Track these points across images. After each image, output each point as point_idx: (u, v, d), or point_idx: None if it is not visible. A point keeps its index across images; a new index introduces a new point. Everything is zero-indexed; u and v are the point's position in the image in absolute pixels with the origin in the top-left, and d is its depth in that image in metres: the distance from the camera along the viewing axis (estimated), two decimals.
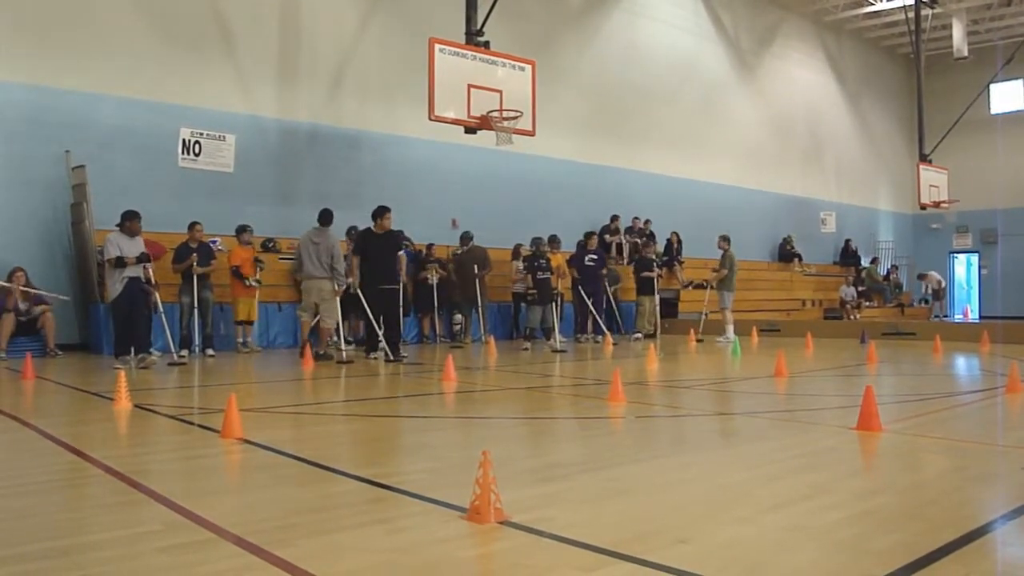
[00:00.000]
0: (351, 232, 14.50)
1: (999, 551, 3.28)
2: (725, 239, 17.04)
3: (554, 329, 15.09)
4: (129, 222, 10.92)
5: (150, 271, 11.02)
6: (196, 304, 12.64)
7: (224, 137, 14.30)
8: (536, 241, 16.13)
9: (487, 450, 3.52)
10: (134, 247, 10.82)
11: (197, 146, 14.01)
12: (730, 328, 16.07)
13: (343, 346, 12.37)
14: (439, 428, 6.60)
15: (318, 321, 12.63)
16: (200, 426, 6.27)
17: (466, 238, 16.30)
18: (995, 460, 5.10)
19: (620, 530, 3.42)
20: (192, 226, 12.88)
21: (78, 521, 3.71)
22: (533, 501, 3.84)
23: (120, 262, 10.57)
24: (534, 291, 15.34)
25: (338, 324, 12.68)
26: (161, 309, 11.55)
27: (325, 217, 12.49)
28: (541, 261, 15.45)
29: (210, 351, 12.84)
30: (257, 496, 4.13)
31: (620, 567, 2.95)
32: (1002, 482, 4.54)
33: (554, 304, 15.59)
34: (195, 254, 12.58)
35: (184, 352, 12.35)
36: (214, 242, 13.74)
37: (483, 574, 3.04)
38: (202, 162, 14.09)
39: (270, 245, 14.87)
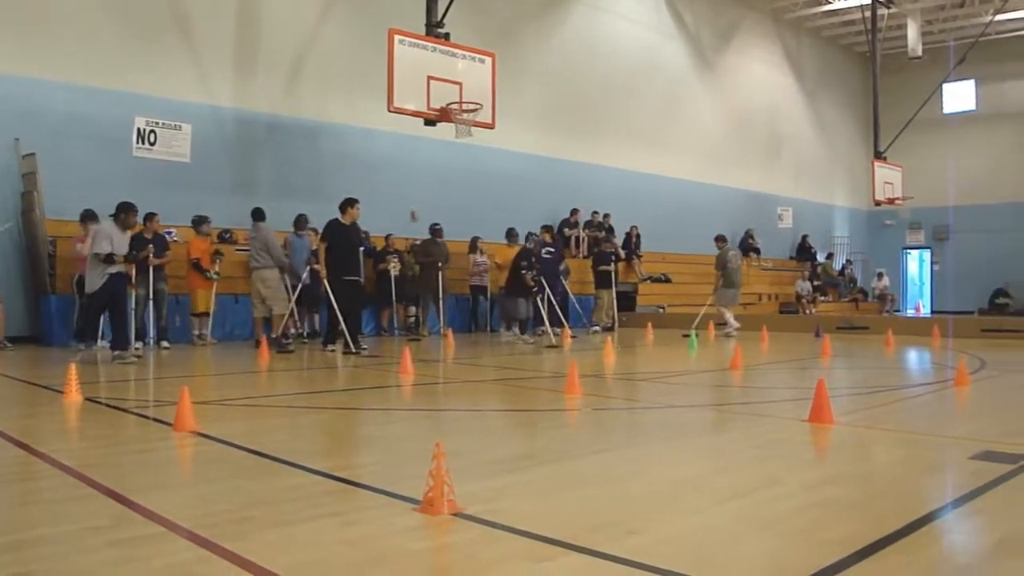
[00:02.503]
0: (299, 219, 14.32)
1: (942, 539, 3.35)
2: (721, 238, 17.15)
3: (544, 323, 15.00)
4: (125, 214, 10.47)
5: (131, 271, 10.92)
6: (151, 296, 12.48)
7: (180, 127, 14.14)
8: (531, 236, 15.84)
9: (441, 442, 3.52)
10: (126, 241, 10.46)
11: (152, 135, 13.86)
12: (730, 319, 16.24)
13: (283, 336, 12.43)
14: (395, 420, 6.59)
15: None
16: (152, 419, 6.19)
17: (436, 230, 16.31)
18: (943, 451, 5.20)
19: (573, 522, 3.44)
20: (150, 217, 12.67)
21: (24, 516, 3.65)
22: (487, 493, 3.85)
23: (109, 259, 10.09)
24: (535, 284, 14.98)
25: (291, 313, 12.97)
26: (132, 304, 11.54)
27: (255, 214, 13.18)
28: (531, 259, 15.19)
29: (164, 343, 12.69)
30: (210, 489, 4.10)
31: (572, 558, 2.97)
32: (948, 473, 4.64)
33: (533, 297, 15.28)
34: (151, 245, 12.42)
35: (138, 344, 12.20)
36: (169, 233, 13.58)
37: (435, 566, 3.04)
38: (157, 152, 13.95)
39: (227, 236, 14.71)
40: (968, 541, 3.38)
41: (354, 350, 11.68)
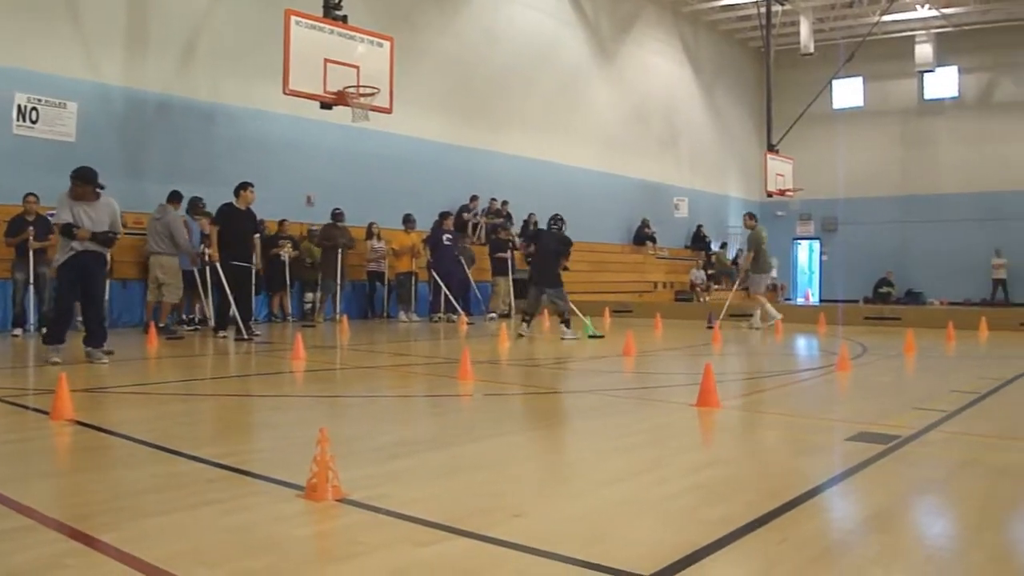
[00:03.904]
0: (197, 203, 13.94)
1: (816, 517, 3.47)
2: (751, 216, 16.32)
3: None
4: (73, 184, 8.74)
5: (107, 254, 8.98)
6: (32, 280, 11.97)
7: (65, 104, 13.57)
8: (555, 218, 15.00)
9: (326, 428, 3.47)
10: (99, 215, 8.66)
11: (34, 113, 13.28)
12: (757, 314, 15.44)
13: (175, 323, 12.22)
14: (285, 407, 6.48)
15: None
16: (27, 408, 5.94)
17: (337, 214, 16.08)
18: (822, 433, 5.38)
19: (459, 506, 3.44)
20: (26, 198, 12.16)
21: None
22: (375, 479, 3.82)
23: (68, 230, 8.39)
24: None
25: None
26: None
27: (171, 196, 13.00)
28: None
29: (46, 330, 12.18)
30: (84, 479, 3.96)
31: (457, 542, 2.96)
32: (825, 454, 4.80)
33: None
34: (31, 228, 11.92)
35: (18, 331, 11.73)
36: (52, 215, 13.03)
37: (319, 551, 3.00)
38: (40, 130, 13.37)
39: None
40: (840, 518, 3.52)
41: (245, 336, 11.46)
